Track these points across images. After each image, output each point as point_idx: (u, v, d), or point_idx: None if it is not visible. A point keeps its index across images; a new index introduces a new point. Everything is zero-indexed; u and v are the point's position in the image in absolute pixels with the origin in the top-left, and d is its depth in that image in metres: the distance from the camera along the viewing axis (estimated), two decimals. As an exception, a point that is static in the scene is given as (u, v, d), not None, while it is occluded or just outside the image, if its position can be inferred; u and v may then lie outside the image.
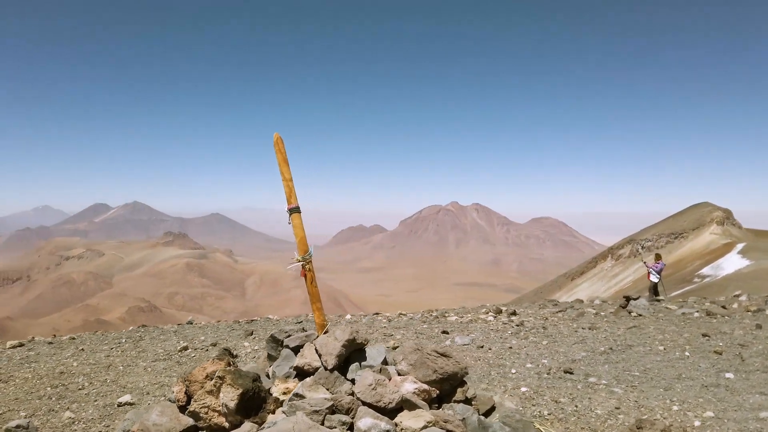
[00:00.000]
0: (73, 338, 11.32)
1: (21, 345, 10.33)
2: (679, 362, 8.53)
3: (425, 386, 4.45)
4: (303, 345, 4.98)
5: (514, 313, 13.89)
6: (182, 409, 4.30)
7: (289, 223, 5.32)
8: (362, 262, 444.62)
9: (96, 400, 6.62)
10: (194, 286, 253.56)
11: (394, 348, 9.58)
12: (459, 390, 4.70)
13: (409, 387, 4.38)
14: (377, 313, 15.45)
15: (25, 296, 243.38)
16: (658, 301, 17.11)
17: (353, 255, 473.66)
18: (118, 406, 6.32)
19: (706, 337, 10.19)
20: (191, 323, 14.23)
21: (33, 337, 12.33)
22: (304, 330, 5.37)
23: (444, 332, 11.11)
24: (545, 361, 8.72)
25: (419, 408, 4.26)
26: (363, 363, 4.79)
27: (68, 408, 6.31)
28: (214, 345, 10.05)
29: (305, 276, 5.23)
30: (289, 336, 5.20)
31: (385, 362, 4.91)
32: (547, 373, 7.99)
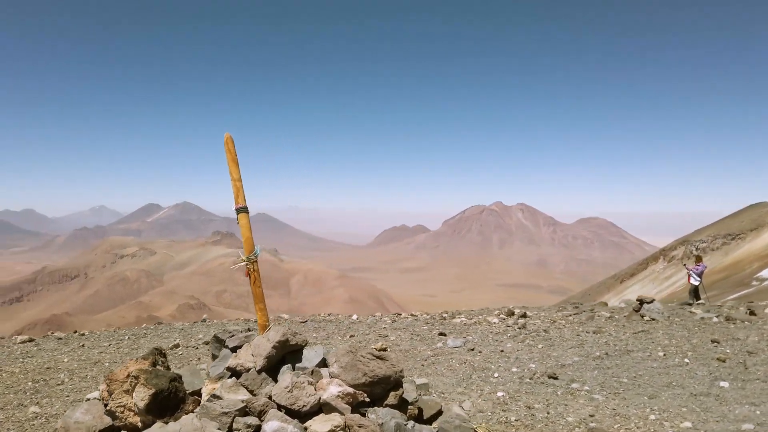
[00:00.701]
0: (83, 334, 11.75)
1: (31, 340, 10.78)
2: (675, 369, 8.14)
3: (350, 389, 4.36)
4: (242, 346, 4.99)
5: (524, 316, 13.56)
6: (106, 407, 4.38)
7: (237, 223, 5.35)
8: (405, 262, 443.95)
9: (68, 396, 6.83)
10: (241, 285, 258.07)
11: (383, 350, 9.52)
12: (392, 393, 4.60)
13: (333, 390, 4.31)
14: (399, 314, 15.41)
15: (83, 293, 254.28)
16: (691, 304, 16.46)
17: (396, 255, 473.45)
18: (86, 401, 6.51)
19: (715, 344, 9.68)
20: (204, 321, 14.53)
21: (52, 332, 12.85)
22: (249, 330, 5.38)
23: (441, 334, 10.95)
24: (533, 365, 8.48)
25: (337, 411, 4.20)
26: (297, 365, 4.74)
27: (37, 403, 6.53)
28: (206, 344, 10.24)
29: (249, 276, 5.22)
30: (232, 336, 5.22)
31: (324, 364, 4.86)
32: (530, 378, 7.76)
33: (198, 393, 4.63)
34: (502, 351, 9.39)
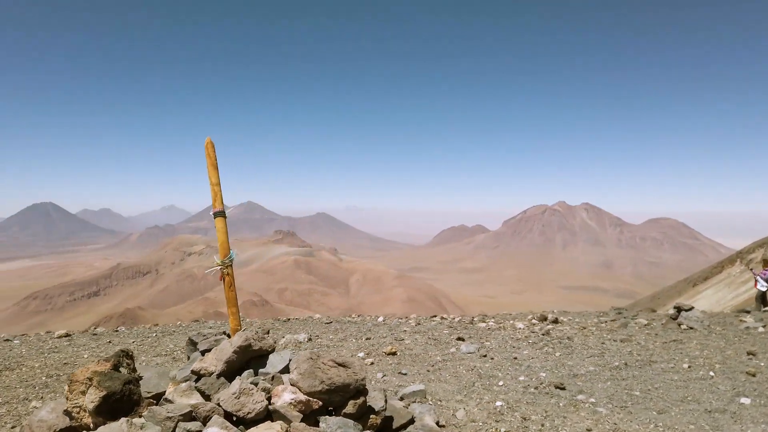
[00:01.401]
0: (116, 331, 12.29)
1: (67, 336, 11.36)
2: (697, 383, 7.62)
3: (303, 397, 4.32)
4: (212, 349, 5.05)
5: (555, 321, 13.12)
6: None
7: (214, 227, 5.45)
8: (464, 262, 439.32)
9: (73, 391, 7.15)
10: (302, 283, 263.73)
11: (391, 354, 9.43)
12: (350, 402, 4.51)
13: (286, 397, 4.27)
14: (434, 316, 15.23)
15: (154, 288, 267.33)
16: (749, 312, 15.48)
17: (455, 255, 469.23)
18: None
19: (750, 356, 9.01)
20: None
21: (95, 327, 13.52)
22: (224, 333, 5.44)
23: (459, 339, 10.71)
24: (543, 374, 8.14)
25: (286, 419, 4.17)
26: (261, 370, 4.75)
27: (41, 398, 6.84)
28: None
29: (223, 280, 5.30)
30: (206, 339, 5.30)
31: (287, 370, 4.84)
32: (535, 388, 7.45)
33: (163, 396, 4.72)
34: (515, 358, 9.08)
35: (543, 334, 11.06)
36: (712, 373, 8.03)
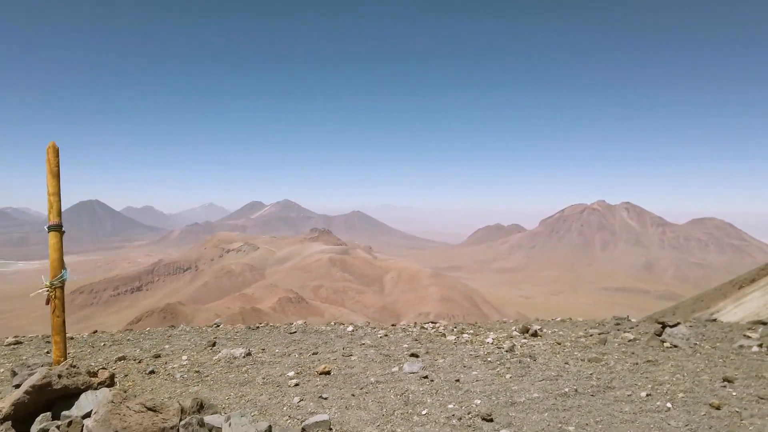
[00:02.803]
0: (71, 338, 11.90)
1: (17, 343, 11.05)
2: (647, 416, 6.65)
3: (84, 448, 3.72)
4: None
5: (535, 334, 12.17)
6: None
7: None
8: (499, 262, 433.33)
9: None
10: (337, 280, 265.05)
11: (325, 373, 8.72)
12: (157, 454, 3.87)
13: (65, 447, 3.69)
14: (433, 323, 14.47)
15: (194, 284, 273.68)
16: None
17: (490, 254, 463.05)
18: None
19: (726, 383, 7.93)
20: (218, 325, 14.39)
21: (71, 335, 13.27)
22: (50, 365, 4.86)
23: (413, 355, 9.89)
24: (478, 401, 7.28)
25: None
26: (64, 413, 4.15)
27: None
28: (157, 357, 9.91)
29: (49, 304, 4.70)
30: (30, 369, 4.73)
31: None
32: (459, 419, 6.62)
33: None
34: (457, 381, 8.23)
35: (506, 351, 10.14)
36: (669, 405, 7.02)
